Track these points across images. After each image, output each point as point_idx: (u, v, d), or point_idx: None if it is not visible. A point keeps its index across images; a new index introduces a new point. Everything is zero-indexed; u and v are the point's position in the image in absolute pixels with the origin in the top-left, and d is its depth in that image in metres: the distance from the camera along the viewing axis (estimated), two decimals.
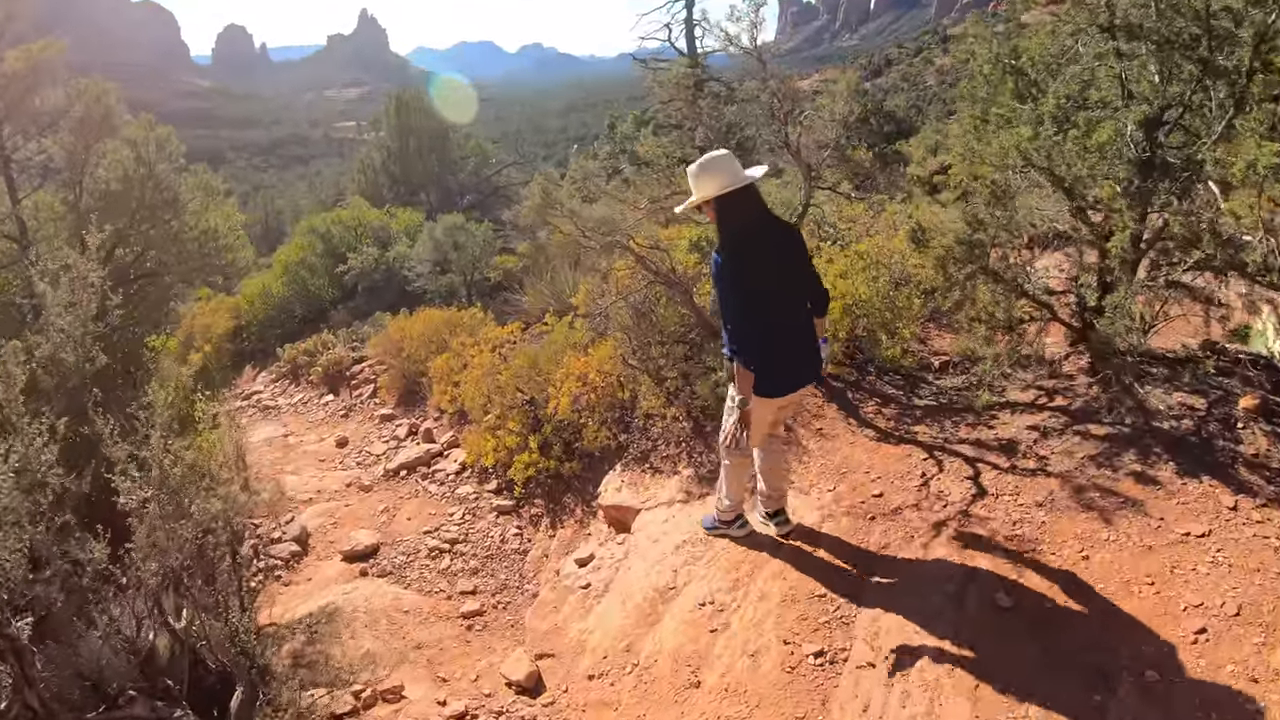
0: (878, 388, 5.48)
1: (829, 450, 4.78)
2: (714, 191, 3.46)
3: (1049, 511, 3.79)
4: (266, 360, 13.80)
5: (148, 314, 6.05)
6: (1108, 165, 3.87)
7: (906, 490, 4.22)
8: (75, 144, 5.45)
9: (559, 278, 10.26)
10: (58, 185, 5.66)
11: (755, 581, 3.79)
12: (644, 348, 6.44)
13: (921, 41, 75.72)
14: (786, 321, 3.59)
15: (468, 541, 6.24)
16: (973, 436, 4.60)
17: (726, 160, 3.53)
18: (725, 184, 3.44)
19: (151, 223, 5.73)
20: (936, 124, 24.89)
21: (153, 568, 2.69)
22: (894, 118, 25.87)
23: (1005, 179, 4.26)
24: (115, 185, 5.58)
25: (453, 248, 14.46)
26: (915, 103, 39.19)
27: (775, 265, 3.55)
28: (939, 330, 6.31)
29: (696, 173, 3.52)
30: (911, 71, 57.74)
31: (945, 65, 57.72)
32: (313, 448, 9.25)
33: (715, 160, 3.52)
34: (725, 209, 3.50)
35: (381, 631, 4.84)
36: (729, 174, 3.46)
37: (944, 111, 31.76)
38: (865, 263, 5.77)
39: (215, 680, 3.05)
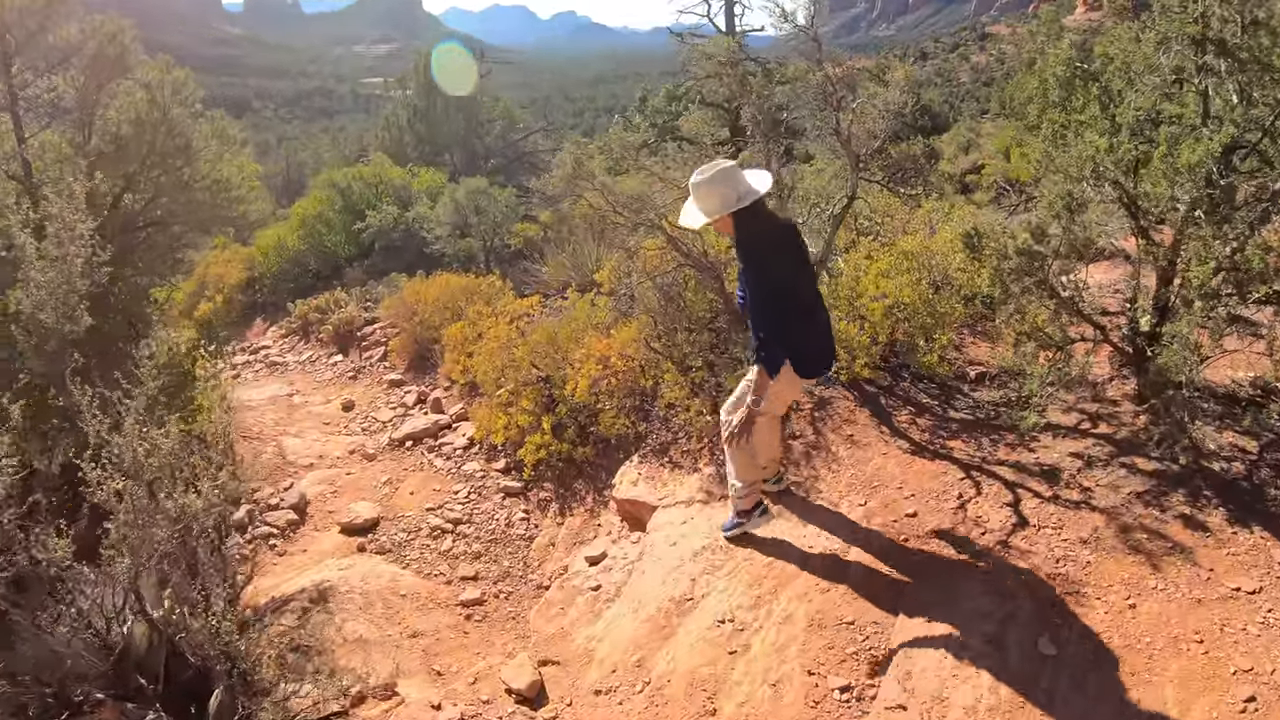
0: (912, 395, 5.20)
1: (860, 460, 4.51)
2: (725, 207, 3.47)
3: (1094, 550, 3.52)
4: (277, 314, 13.59)
5: (153, 264, 5.80)
6: (1192, 187, 3.55)
7: (942, 512, 3.95)
8: (86, 83, 5.17)
9: (581, 250, 9.97)
10: (66, 125, 5.39)
11: (779, 600, 3.54)
12: (669, 333, 6.17)
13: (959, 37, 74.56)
14: (813, 311, 3.72)
15: (471, 523, 6.02)
16: (1012, 458, 4.32)
17: (733, 173, 3.52)
18: (738, 197, 3.46)
19: (162, 169, 5.46)
20: (969, 122, 24.39)
21: (124, 564, 2.47)
22: (929, 112, 25.36)
23: (1080, 191, 3.94)
24: (126, 128, 5.32)
25: (474, 212, 14.16)
26: (948, 99, 38.56)
27: (793, 262, 3.67)
28: (974, 338, 6.02)
29: (705, 186, 3.50)
30: (947, 67, 56.84)
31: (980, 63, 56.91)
32: (318, 409, 9.04)
33: (724, 173, 3.49)
34: (742, 222, 3.52)
35: (376, 616, 4.63)
36: (739, 187, 3.48)
37: (977, 110, 31.23)
38: (910, 264, 5.46)
39: (194, 673, 2.83)
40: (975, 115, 27.79)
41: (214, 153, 5.79)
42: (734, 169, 3.53)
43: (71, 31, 5.13)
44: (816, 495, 4.30)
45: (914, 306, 5.19)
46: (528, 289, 10.24)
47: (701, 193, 3.51)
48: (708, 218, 3.53)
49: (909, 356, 5.33)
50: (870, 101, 5.24)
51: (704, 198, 3.51)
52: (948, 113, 28.64)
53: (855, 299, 5.47)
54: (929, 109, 25.59)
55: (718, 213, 3.49)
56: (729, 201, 3.45)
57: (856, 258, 6.11)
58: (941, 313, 5.31)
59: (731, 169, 3.52)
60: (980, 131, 20.94)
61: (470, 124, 22.18)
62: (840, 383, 5.24)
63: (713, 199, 3.48)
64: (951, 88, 46.31)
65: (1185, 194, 3.68)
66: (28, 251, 3.27)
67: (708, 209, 3.51)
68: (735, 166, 3.56)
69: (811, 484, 4.41)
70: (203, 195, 5.60)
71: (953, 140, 20.01)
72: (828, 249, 5.67)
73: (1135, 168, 4.02)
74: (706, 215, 3.53)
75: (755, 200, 3.47)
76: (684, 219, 3.70)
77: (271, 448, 7.38)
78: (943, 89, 43.49)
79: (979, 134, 20.58)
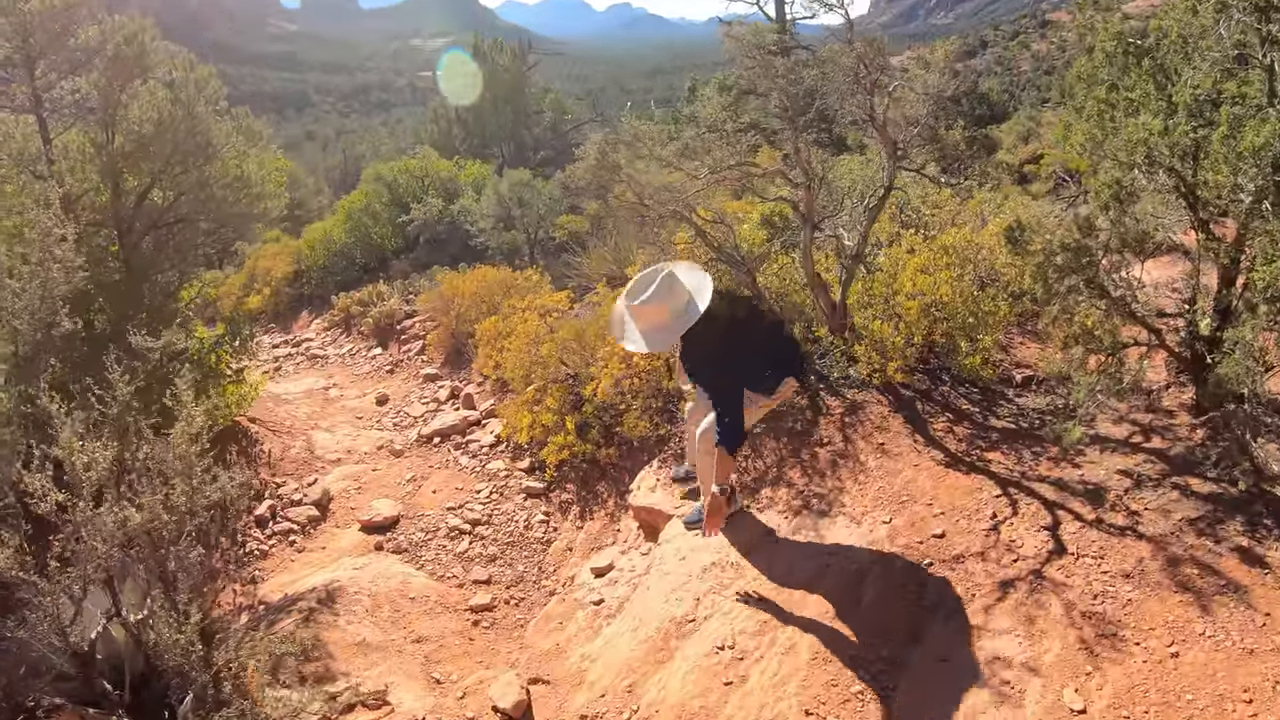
0: (951, 400, 4.90)
1: (889, 471, 4.25)
2: (676, 333, 3.47)
3: (1137, 586, 3.19)
4: (323, 307, 13.71)
5: (180, 261, 5.80)
6: (1258, 174, 3.20)
7: (973, 534, 3.67)
8: (108, 83, 5.17)
9: (623, 243, 9.81)
10: (88, 126, 5.41)
11: (785, 627, 3.32)
12: None
13: (1018, 25, 72.26)
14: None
15: (490, 524, 5.90)
16: (1054, 475, 4.00)
17: (673, 294, 3.46)
18: (682, 322, 3.43)
19: (183, 167, 5.45)
20: (1030, 111, 23.51)
21: (70, 574, 2.38)
22: (987, 100, 24.52)
23: (1131, 178, 3.61)
24: (148, 127, 5.30)
25: (518, 204, 14.09)
26: (1008, 88, 37.38)
27: (746, 347, 3.65)
28: (1023, 338, 5.68)
29: (646, 311, 3.45)
30: (1006, 55, 55.09)
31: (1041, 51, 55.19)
32: (353, 403, 9.05)
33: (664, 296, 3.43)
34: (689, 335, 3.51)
35: (382, 619, 4.53)
36: (680, 309, 3.44)
37: (1038, 99, 30.16)
38: (950, 259, 5.16)
39: (173, 676, 2.74)
40: (1036, 104, 26.81)
41: (237, 150, 5.76)
42: (671, 285, 3.43)
43: (93, 33, 5.14)
44: (839, 509, 4.06)
45: (954, 305, 4.89)
46: (569, 282, 10.11)
47: (647, 320, 3.46)
48: (655, 348, 3.54)
49: (949, 358, 5.04)
50: (908, 84, 4.94)
51: (651, 329, 3.47)
52: (1007, 102, 27.64)
53: (891, 297, 5.20)
54: (987, 98, 24.72)
55: (666, 345, 3.52)
56: (679, 326, 3.43)
57: (898, 252, 5.82)
58: (985, 311, 4.99)
59: (668, 287, 3.42)
60: (1041, 121, 20.16)
61: (519, 116, 22.15)
62: (874, 386, 4.98)
63: (660, 334, 3.47)
64: (1012, 76, 44.86)
65: (1250, 182, 3.31)
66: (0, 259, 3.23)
67: (655, 341, 3.49)
68: (671, 280, 3.45)
69: (835, 496, 4.16)
70: (221, 193, 5.57)
71: (1012, 130, 19.28)
72: (863, 242, 5.39)
73: (1194, 153, 3.67)
74: (652, 346, 3.52)
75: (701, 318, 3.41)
76: (629, 344, 3.60)
77: (301, 442, 7.39)
78: (1002, 78, 42.15)
79: (1039, 123, 19.81)
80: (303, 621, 4.41)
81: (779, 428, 4.82)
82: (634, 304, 3.45)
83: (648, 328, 3.49)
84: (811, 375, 5.19)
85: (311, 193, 28.54)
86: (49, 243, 3.23)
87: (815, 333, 5.43)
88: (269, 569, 5.60)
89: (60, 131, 5.28)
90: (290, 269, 15.20)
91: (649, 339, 3.50)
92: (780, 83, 4.95)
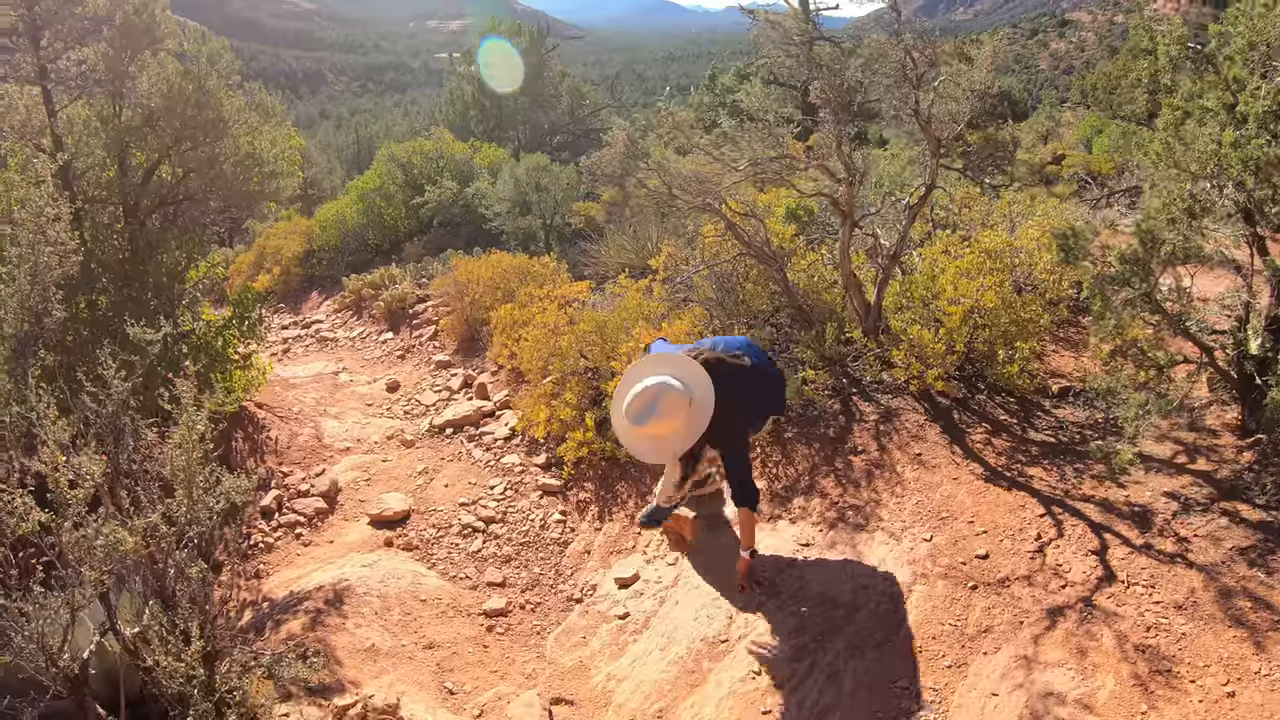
0: (988, 410, 4.67)
1: (928, 485, 4.03)
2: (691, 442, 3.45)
3: (1190, 619, 2.98)
4: (333, 288, 13.50)
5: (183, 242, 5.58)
6: None
7: (1018, 555, 3.46)
8: (116, 54, 4.94)
9: (642, 233, 9.57)
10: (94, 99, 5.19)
11: (825, 651, 3.11)
12: (726, 328, 5.75)
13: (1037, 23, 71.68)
14: None
15: (505, 522, 5.70)
16: (1099, 494, 3.78)
17: (672, 410, 3.39)
18: (698, 426, 3.40)
19: (193, 143, 5.22)
20: (1049, 110, 23.19)
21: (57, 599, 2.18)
22: (1009, 98, 24.11)
23: (1204, 192, 3.37)
24: (157, 101, 5.08)
25: (534, 189, 13.83)
26: (1027, 86, 36.97)
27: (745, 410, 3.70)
28: (1056, 346, 5.45)
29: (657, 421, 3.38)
30: (1025, 53, 54.53)
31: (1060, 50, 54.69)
32: (363, 389, 8.84)
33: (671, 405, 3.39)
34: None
35: (392, 623, 4.34)
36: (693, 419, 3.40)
37: (1056, 98, 29.83)
38: (993, 263, 4.92)
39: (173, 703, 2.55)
40: (1054, 103, 26.45)
41: (249, 126, 5.53)
42: (668, 400, 3.36)
43: (100, 1, 4.91)
44: (877, 524, 3.85)
45: (996, 312, 4.66)
46: (585, 270, 9.88)
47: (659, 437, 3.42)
48: (682, 450, 3.52)
49: (986, 366, 4.82)
50: (954, 79, 4.69)
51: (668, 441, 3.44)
52: (1026, 100, 27.28)
53: (931, 300, 4.96)
54: (1009, 95, 24.33)
55: (690, 444, 3.46)
56: (697, 430, 3.40)
57: (933, 252, 5.59)
58: (1025, 319, 4.77)
59: (669, 404, 3.36)
60: (1060, 120, 19.86)
61: (536, 100, 21.85)
62: (909, 393, 4.76)
63: (680, 442, 3.44)
64: (1030, 74, 44.43)
65: None
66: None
67: (677, 447, 3.48)
68: (665, 392, 3.37)
69: (872, 510, 3.95)
70: (231, 170, 5.35)
71: (1031, 129, 18.94)
72: (902, 242, 5.16)
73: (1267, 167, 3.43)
74: (678, 452, 3.54)
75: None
76: (652, 458, 3.66)
77: (309, 429, 7.19)
78: (1021, 75, 41.73)
79: (1059, 123, 19.51)
80: (310, 624, 4.24)
81: (811, 433, 4.61)
82: (641, 427, 3.38)
83: (663, 443, 3.45)
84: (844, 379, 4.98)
85: (324, 172, 28.33)
86: (41, 223, 3.01)
87: (848, 334, 5.21)
88: (274, 563, 5.41)
89: (66, 104, 5.05)
90: (301, 248, 14.98)
91: (669, 447, 3.49)
92: (823, 72, 4.70)
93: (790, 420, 4.78)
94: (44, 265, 2.85)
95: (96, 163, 5.03)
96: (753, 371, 3.72)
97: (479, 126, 21.33)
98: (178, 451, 2.44)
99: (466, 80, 21.63)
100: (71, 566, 2.18)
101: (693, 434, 3.40)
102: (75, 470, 2.24)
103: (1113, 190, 9.76)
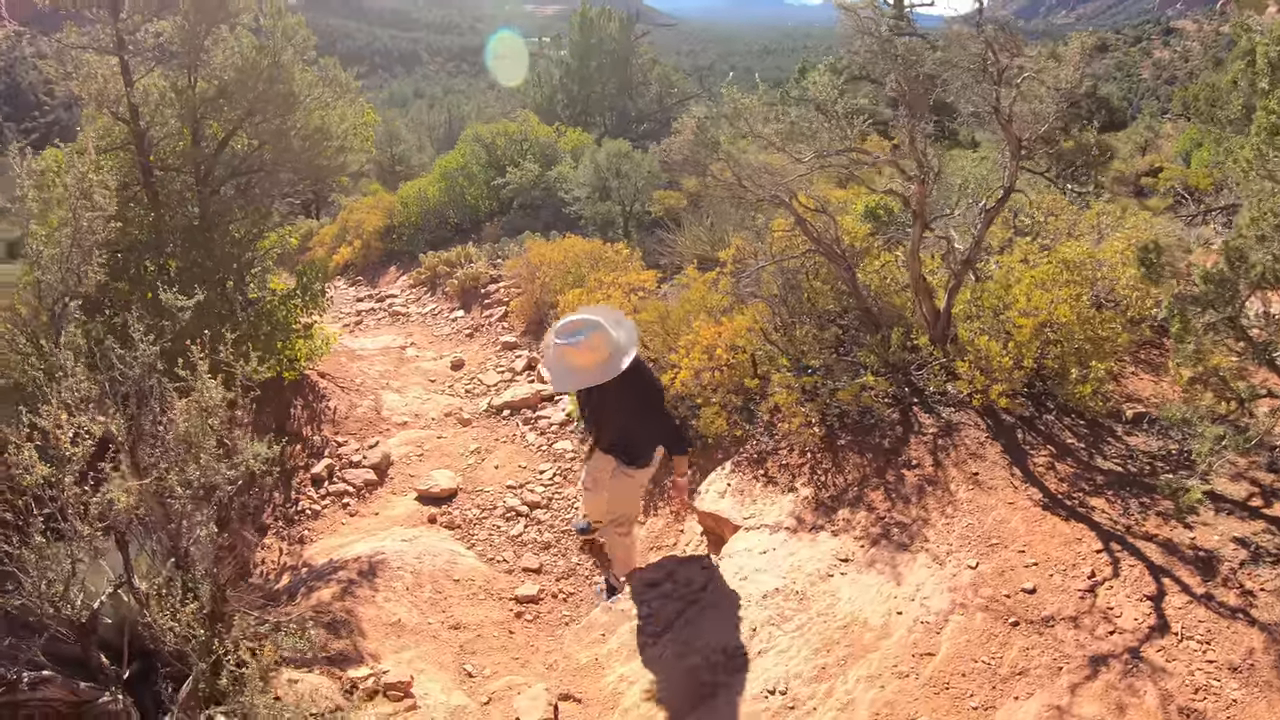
0: (1054, 432, 4.37)
1: (981, 507, 3.79)
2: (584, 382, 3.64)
3: (1245, 684, 2.69)
4: (411, 264, 13.73)
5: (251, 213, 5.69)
6: None
7: (1067, 593, 3.20)
8: (191, 27, 5.03)
9: (719, 224, 9.40)
10: (169, 70, 5.31)
11: (845, 678, 2.93)
12: (788, 326, 5.55)
13: (1141, 30, 68.17)
14: None
15: (549, 509, 5.66)
16: (1163, 534, 3.47)
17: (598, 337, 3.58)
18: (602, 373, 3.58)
19: (264, 116, 5.30)
20: (1149, 120, 21.91)
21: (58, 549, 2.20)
22: (1107, 106, 22.85)
23: None
24: (230, 74, 5.17)
25: (614, 175, 13.77)
26: (1127, 95, 35.10)
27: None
28: (1135, 368, 5.07)
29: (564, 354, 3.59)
30: (1127, 61, 51.85)
31: (1163, 59, 51.91)
32: (428, 365, 8.95)
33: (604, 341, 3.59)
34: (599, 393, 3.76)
35: (422, 600, 4.33)
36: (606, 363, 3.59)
37: (1158, 109, 28.22)
38: (1071, 275, 4.61)
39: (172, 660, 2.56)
40: (1155, 114, 25.01)
41: (321, 101, 5.59)
42: (600, 338, 3.57)
43: None
44: (921, 544, 3.63)
45: (1070, 327, 4.36)
46: (661, 259, 9.77)
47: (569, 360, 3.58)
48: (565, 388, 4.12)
49: (1057, 384, 4.51)
50: (1038, 76, 4.39)
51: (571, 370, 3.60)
52: (1125, 109, 25.86)
53: (1002, 310, 4.68)
54: (1107, 103, 23.05)
55: (576, 387, 3.75)
56: (609, 372, 3.58)
57: (1011, 260, 5.28)
58: (1102, 337, 4.44)
59: (600, 340, 3.57)
60: (1160, 132, 18.76)
61: (623, 86, 21.79)
62: (971, 407, 4.50)
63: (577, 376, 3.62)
64: (1131, 83, 42.20)
65: None
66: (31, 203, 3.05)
67: (570, 381, 3.67)
68: (599, 332, 3.59)
69: (919, 529, 3.73)
70: (300, 144, 5.41)
71: (1129, 139, 17.93)
72: (976, 248, 4.88)
73: None
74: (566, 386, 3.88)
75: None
76: (548, 375, 3.79)
77: (369, 401, 7.30)
78: (1122, 84, 39.66)
79: (1158, 134, 18.42)
80: (340, 593, 4.26)
81: (865, 442, 4.41)
82: (565, 345, 3.55)
83: (576, 373, 3.60)
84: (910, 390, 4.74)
85: (414, 149, 28.90)
86: (85, 187, 3.05)
87: (914, 340, 4.95)
88: (318, 530, 5.50)
89: (143, 75, 5.19)
90: (383, 223, 15.29)
91: (578, 379, 3.63)
92: (898, 64, 4.46)
93: (845, 427, 4.58)
94: (85, 229, 2.90)
95: (171, 132, 5.16)
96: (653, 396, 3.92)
97: (565, 111, 21.40)
98: (183, 419, 2.43)
99: (554, 64, 21.70)
100: (69, 521, 2.20)
101: (604, 375, 3.56)
102: (77, 428, 2.26)
103: (1209, 207, 9.17)
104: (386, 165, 24.92)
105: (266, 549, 5.36)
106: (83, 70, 4.96)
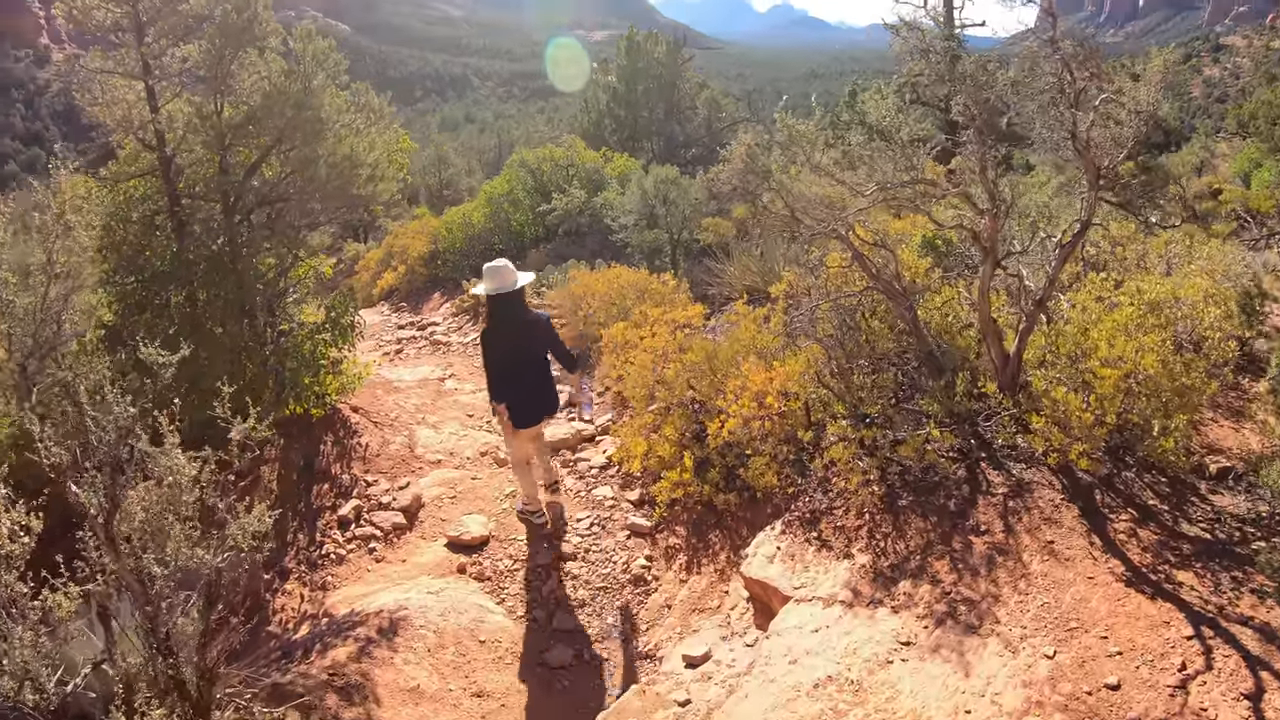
0: (1134, 492, 3.92)
1: (1057, 582, 3.36)
2: (489, 291, 5.12)
3: None
4: (455, 291, 13.60)
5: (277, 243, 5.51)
6: None
7: (1155, 689, 2.77)
8: (217, 52, 4.89)
9: (769, 255, 9.04)
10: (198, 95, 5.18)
11: None
12: (845, 372, 5.17)
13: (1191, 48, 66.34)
14: (524, 381, 5.30)
15: (585, 561, 5.32)
16: (1260, 617, 3.03)
17: (506, 271, 5.15)
18: (497, 288, 5.09)
19: (291, 143, 5.12)
20: (1204, 140, 20.98)
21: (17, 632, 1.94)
22: (1162, 127, 21.91)
23: None
24: (257, 99, 5.00)
25: (662, 202, 13.48)
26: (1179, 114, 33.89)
27: (517, 344, 5.23)
28: (1214, 414, 4.59)
29: (486, 273, 5.16)
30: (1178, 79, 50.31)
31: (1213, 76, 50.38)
32: (466, 398, 8.69)
33: (496, 270, 5.14)
34: (492, 304, 5.17)
35: (444, 663, 4.03)
36: (502, 281, 5.09)
37: (1211, 127, 27.15)
38: (1158, 319, 4.17)
39: None
40: (1209, 133, 23.98)
41: (351, 127, 5.40)
42: (503, 269, 5.15)
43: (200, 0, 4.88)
44: (992, 626, 3.22)
45: (1157, 379, 3.90)
46: (709, 289, 9.44)
47: (485, 277, 5.16)
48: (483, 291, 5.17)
49: (1138, 438, 4.05)
50: (1118, 99, 3.98)
51: (485, 281, 5.15)
52: (1181, 129, 24.83)
53: (1080, 358, 4.23)
54: (1163, 124, 22.11)
55: (482, 293, 5.17)
56: (494, 289, 5.08)
57: (1085, 298, 4.83)
58: (1188, 386, 3.96)
59: (501, 268, 5.15)
60: (1215, 151, 17.89)
61: (671, 111, 21.58)
62: (1047, 465, 4.07)
63: (486, 282, 5.14)
64: (1183, 101, 40.79)
65: None
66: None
67: (485, 288, 5.14)
68: (507, 268, 5.17)
69: (989, 608, 3.33)
70: (326, 172, 5.22)
71: (1185, 160, 17.11)
72: (1050, 286, 4.46)
73: None
74: (502, 287, 5.11)
75: (508, 294, 5.12)
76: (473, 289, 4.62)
77: (403, 437, 7.05)
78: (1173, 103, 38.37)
79: (1214, 154, 17.58)
80: (357, 654, 3.98)
81: (928, 503, 4.01)
82: (493, 264, 5.18)
83: (499, 275, 5.08)
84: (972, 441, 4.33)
85: (463, 173, 29.11)
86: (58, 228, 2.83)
87: (981, 387, 4.53)
88: (342, 576, 5.24)
89: (169, 100, 5.06)
90: (427, 249, 15.22)
91: (502, 280, 5.08)
92: (967, 85, 4.09)
93: (906, 485, 4.19)
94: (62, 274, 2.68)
95: (198, 159, 5.01)
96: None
97: (613, 136, 21.24)
98: (139, 507, 2.17)
99: (601, 89, 21.60)
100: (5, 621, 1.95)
101: (511, 285, 5.09)
102: (13, 522, 2.01)
103: (1273, 230, 8.60)
104: (435, 189, 25.06)
105: (287, 594, 5.12)
106: (107, 95, 4.85)
